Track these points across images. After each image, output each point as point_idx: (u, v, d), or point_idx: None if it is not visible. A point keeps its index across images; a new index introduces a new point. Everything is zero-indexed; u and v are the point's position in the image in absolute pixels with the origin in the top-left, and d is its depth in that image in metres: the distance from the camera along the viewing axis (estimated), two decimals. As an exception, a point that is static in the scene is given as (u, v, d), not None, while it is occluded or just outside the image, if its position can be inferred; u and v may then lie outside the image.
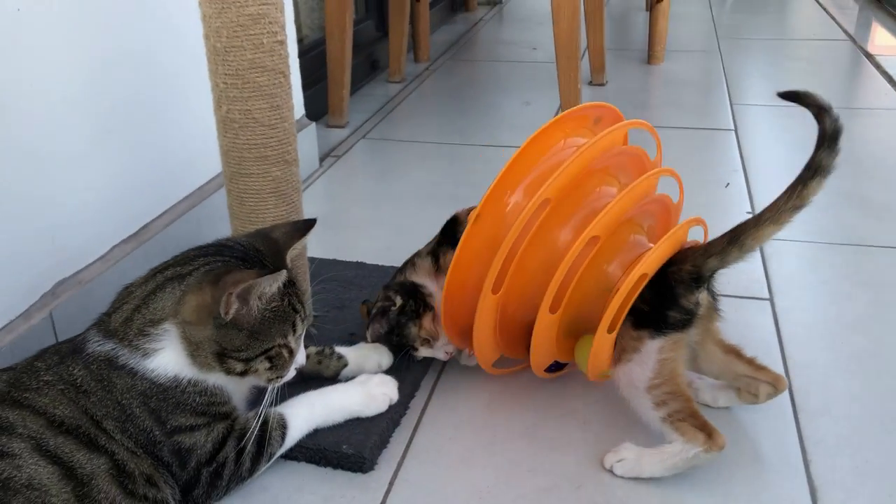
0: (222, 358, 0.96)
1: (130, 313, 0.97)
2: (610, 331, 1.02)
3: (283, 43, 1.12)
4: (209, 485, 0.99)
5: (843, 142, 0.98)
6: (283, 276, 0.95)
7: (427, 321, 1.19)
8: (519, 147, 1.07)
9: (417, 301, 1.20)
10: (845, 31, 3.45)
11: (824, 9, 3.92)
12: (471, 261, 1.07)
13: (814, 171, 0.98)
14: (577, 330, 1.11)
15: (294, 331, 0.99)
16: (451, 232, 1.22)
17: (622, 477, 1.04)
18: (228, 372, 0.97)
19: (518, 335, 1.13)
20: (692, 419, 1.01)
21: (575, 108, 1.14)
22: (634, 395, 1.04)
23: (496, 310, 1.08)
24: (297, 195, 1.21)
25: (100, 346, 0.97)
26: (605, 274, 1.06)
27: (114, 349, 0.96)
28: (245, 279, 0.91)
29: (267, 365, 0.98)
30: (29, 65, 1.17)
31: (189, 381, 0.97)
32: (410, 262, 1.26)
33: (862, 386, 1.21)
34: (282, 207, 1.19)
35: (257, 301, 0.94)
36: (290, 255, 1.04)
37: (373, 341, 1.23)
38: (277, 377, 1.00)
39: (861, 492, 1.02)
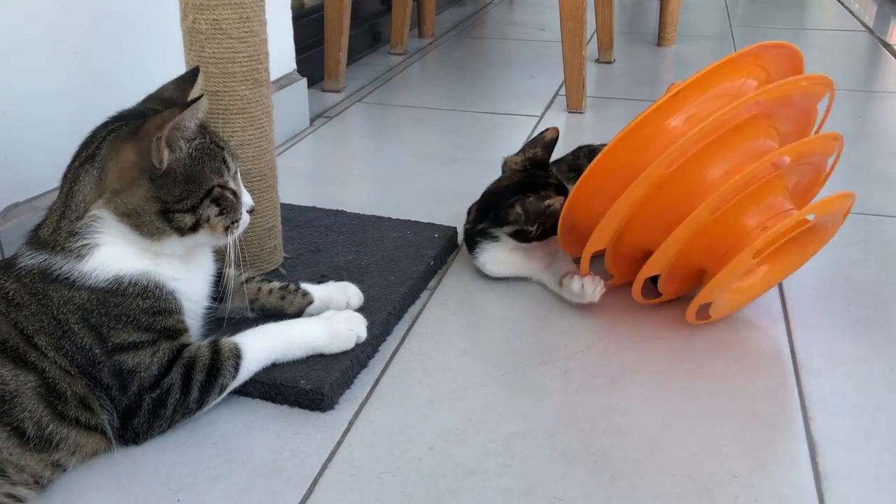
0: (168, 215, 0.89)
1: (57, 220, 0.90)
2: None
3: (255, -52, 1.05)
4: (151, 414, 0.90)
5: (861, 121, 0.94)
6: (203, 103, 0.90)
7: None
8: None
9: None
10: (864, 24, 3.35)
11: (843, 4, 3.82)
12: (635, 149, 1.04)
13: None
14: (686, 257, 1.09)
15: (227, 168, 0.95)
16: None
17: None
18: (180, 230, 0.90)
19: (628, 254, 1.15)
20: None
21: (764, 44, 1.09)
22: None
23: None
24: (267, 120, 1.13)
25: (32, 259, 0.89)
26: (741, 223, 1.04)
27: (46, 260, 0.89)
28: (167, 118, 0.85)
29: (216, 210, 0.92)
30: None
31: (130, 281, 0.89)
32: None
33: (868, 349, 1.12)
34: (249, 131, 1.11)
35: (182, 142, 0.89)
36: None
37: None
38: (233, 223, 0.95)
39: (866, 449, 0.93)
